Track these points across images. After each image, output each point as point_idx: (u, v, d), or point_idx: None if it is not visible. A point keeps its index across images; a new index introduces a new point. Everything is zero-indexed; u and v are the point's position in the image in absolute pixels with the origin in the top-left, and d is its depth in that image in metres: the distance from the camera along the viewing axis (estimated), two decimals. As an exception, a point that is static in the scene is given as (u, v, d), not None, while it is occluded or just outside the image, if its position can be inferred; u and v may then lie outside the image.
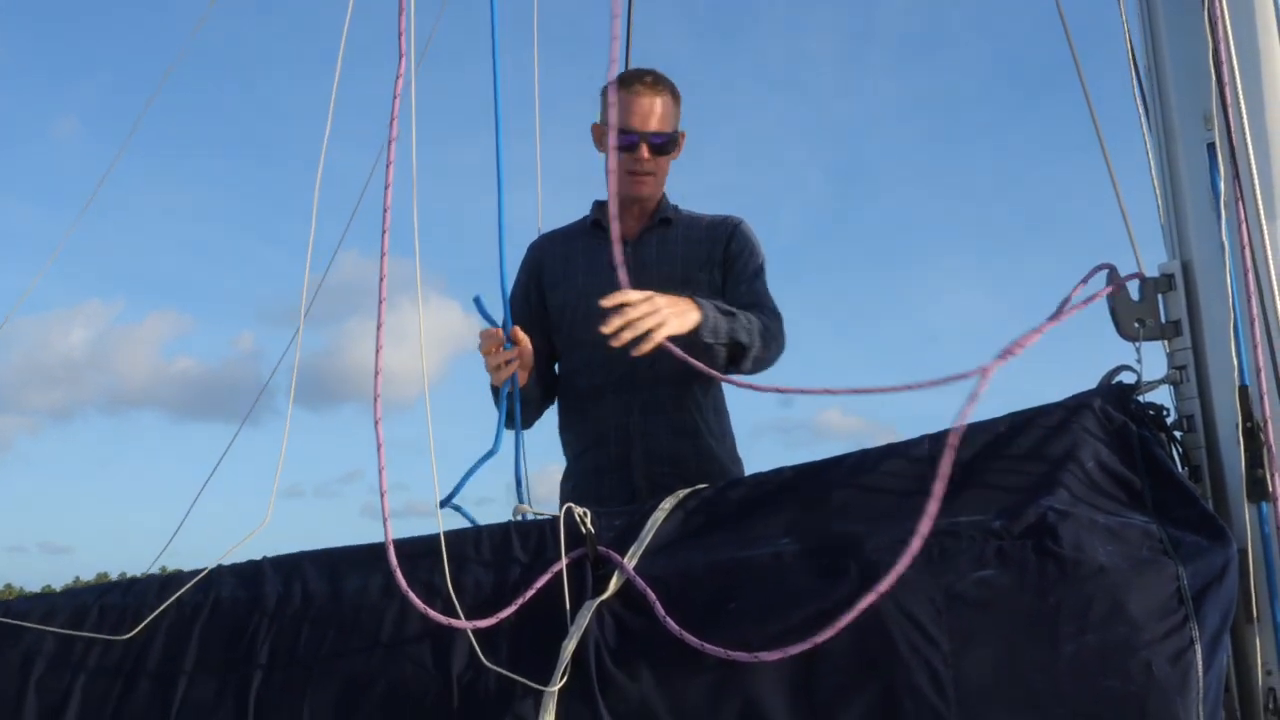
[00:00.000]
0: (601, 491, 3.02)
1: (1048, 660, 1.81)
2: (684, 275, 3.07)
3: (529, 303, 3.21)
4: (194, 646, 2.17)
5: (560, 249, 3.26)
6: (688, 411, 3.05)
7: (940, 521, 1.98)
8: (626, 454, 3.04)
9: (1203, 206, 2.15)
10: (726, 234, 3.16)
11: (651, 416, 3.04)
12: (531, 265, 3.27)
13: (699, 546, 2.12)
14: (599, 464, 3.07)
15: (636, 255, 3.11)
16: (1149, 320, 2.18)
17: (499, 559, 2.17)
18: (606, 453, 3.06)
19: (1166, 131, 2.25)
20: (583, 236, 3.24)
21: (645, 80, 3.08)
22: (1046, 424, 2.12)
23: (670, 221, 3.18)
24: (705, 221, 3.22)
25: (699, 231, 3.18)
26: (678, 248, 3.14)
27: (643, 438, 3.03)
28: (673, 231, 3.17)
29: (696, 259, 3.13)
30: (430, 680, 2.02)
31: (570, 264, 3.20)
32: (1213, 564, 1.86)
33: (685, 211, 3.24)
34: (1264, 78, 2.14)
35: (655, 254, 3.12)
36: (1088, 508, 1.96)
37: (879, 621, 1.87)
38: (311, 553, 2.30)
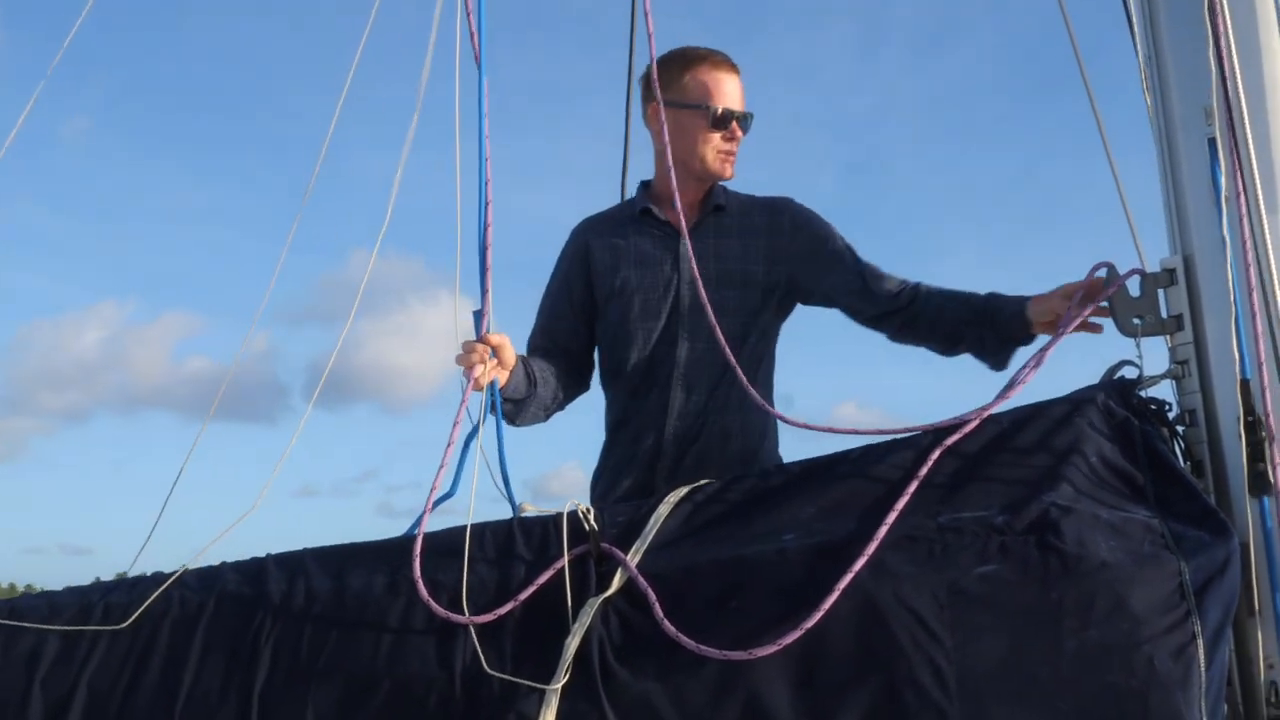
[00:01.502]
0: (641, 484, 2.94)
1: (1050, 655, 1.82)
2: (741, 273, 2.98)
3: (570, 290, 3.10)
4: (198, 644, 2.17)
5: (608, 237, 3.11)
6: (733, 411, 2.97)
7: (943, 517, 1.99)
8: (664, 448, 2.96)
9: (1204, 201, 2.15)
10: (787, 225, 3.05)
11: (696, 415, 2.96)
12: (577, 253, 3.13)
13: (703, 543, 2.12)
14: (637, 456, 2.99)
15: (692, 247, 2.92)
16: (1148, 316, 2.19)
17: (502, 556, 2.17)
18: (646, 447, 2.98)
19: (1168, 126, 2.25)
20: (630, 224, 3.10)
21: (727, 59, 3.01)
22: (1049, 419, 2.12)
23: (723, 208, 3.07)
24: (758, 207, 3.09)
25: (755, 220, 3.06)
26: (734, 241, 3.02)
27: (686, 435, 2.95)
28: (727, 221, 3.05)
29: (754, 254, 3.01)
30: (434, 677, 2.02)
31: (619, 253, 3.06)
32: (1214, 558, 1.87)
33: (733, 194, 3.12)
34: (1264, 72, 2.15)
35: (711, 247, 3.00)
36: (1090, 502, 1.97)
37: (881, 616, 1.87)
38: (315, 550, 2.30)
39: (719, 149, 2.98)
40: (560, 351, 3.08)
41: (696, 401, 2.95)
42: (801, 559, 1.98)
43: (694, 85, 2.98)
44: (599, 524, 2.15)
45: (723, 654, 1.88)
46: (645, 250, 3.03)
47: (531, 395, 2.82)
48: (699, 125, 2.97)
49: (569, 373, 3.07)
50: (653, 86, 3.02)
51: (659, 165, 3.10)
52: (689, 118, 2.98)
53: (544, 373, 2.90)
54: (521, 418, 2.87)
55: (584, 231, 3.18)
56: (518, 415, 2.85)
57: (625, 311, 3.01)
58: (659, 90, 2.94)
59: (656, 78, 2.99)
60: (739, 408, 2.95)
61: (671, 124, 2.95)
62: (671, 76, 3.00)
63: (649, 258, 3.01)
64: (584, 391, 3.21)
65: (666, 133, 2.83)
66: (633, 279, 3.01)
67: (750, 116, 3.01)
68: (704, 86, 2.97)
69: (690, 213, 3.03)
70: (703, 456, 2.93)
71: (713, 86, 2.97)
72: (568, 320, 3.11)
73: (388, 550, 2.22)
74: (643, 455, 2.98)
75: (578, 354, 3.12)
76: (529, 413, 2.89)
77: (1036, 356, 2.28)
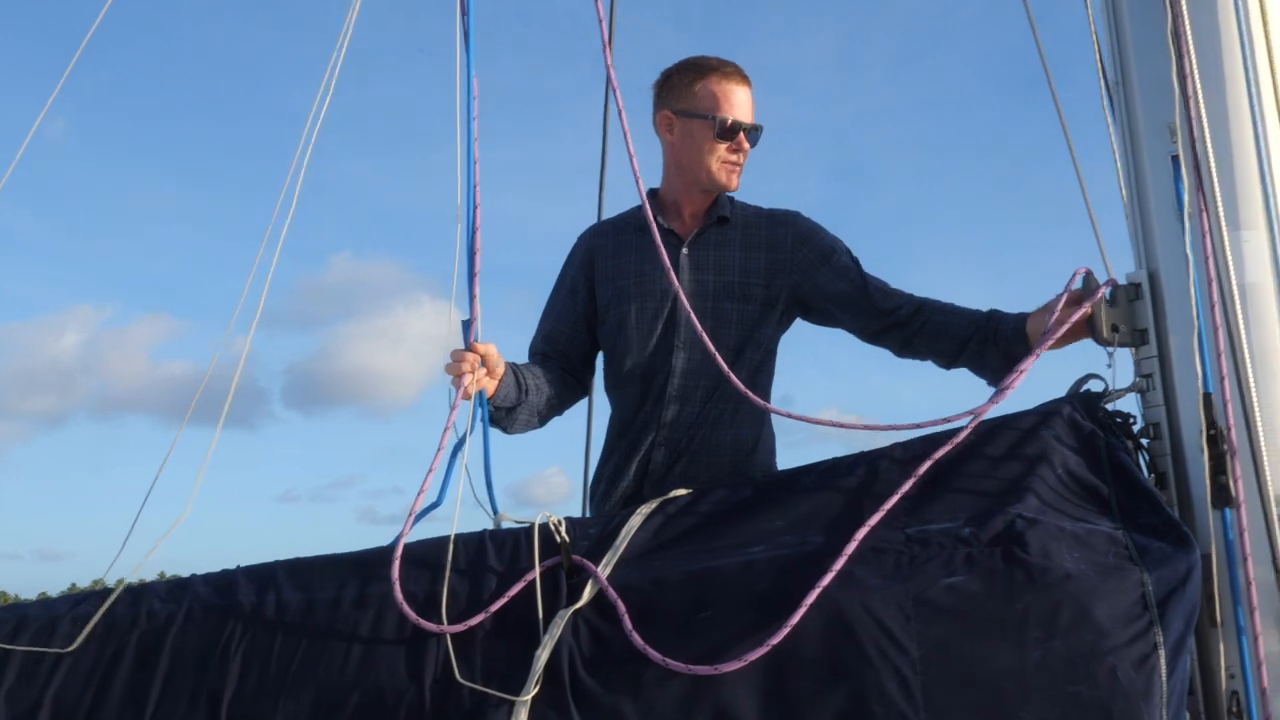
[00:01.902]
0: (633, 494, 2.93)
1: (1015, 666, 1.83)
2: (741, 285, 2.97)
3: (575, 297, 3.10)
4: (166, 657, 2.16)
5: (612, 243, 3.12)
6: (725, 425, 2.96)
7: (910, 529, 2.01)
8: (655, 458, 2.95)
9: (1168, 217, 2.18)
10: (790, 240, 3.04)
11: (688, 427, 2.95)
12: (582, 259, 3.14)
13: (673, 555, 2.14)
14: (631, 465, 2.97)
15: (693, 257, 2.99)
16: (1123, 326, 2.22)
17: (474, 568, 2.17)
18: (640, 456, 2.97)
19: (1133, 143, 2.28)
20: (635, 231, 3.07)
21: (739, 70, 3.01)
22: (1016, 431, 2.15)
23: (728, 220, 3.05)
24: (763, 220, 3.08)
25: (757, 234, 3.05)
26: (735, 253, 3.02)
27: (677, 446, 2.94)
28: (730, 232, 3.04)
29: (755, 266, 3.00)
30: (404, 689, 2.02)
31: (621, 260, 3.07)
32: (1177, 570, 1.89)
33: (740, 205, 3.11)
34: (1227, 91, 2.18)
35: (713, 259, 3.00)
36: (1055, 514, 1.99)
37: (849, 627, 1.89)
38: (286, 562, 2.30)
39: (724, 160, 2.98)
40: (559, 356, 3.08)
41: (689, 413, 2.95)
42: (770, 571, 2.00)
43: (704, 95, 2.99)
44: (570, 536, 2.16)
45: (689, 668, 1.89)
46: (646, 261, 3.01)
47: (522, 403, 2.82)
48: (706, 135, 2.97)
49: (566, 378, 3.07)
50: (663, 94, 3.06)
51: (666, 173, 3.11)
52: (697, 127, 2.98)
53: (537, 379, 2.90)
54: (513, 425, 2.87)
55: (590, 238, 3.19)
56: (509, 423, 2.85)
57: (625, 319, 3.01)
58: (670, 99, 3.00)
59: (668, 86, 3.02)
60: (731, 421, 2.96)
61: (680, 133, 3.00)
62: (682, 85, 3.02)
63: (649, 268, 3.00)
64: (582, 396, 3.22)
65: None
66: (633, 287, 3.01)
67: (759, 129, 3.02)
68: (713, 97, 2.97)
69: (694, 222, 3.05)
70: (692, 468, 2.93)
71: (722, 97, 2.97)
72: (569, 325, 3.10)
73: (359, 562, 2.23)
74: (637, 464, 2.97)
75: (577, 359, 3.12)
76: (520, 420, 2.88)
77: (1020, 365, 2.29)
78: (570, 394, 3.11)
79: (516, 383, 2.78)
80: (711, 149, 2.97)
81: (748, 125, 2.98)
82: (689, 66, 3.04)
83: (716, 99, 2.97)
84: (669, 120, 3.03)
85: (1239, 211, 2.13)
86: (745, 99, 3.00)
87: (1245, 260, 2.11)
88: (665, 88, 3.06)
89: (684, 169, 3.01)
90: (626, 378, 3.01)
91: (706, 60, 3.04)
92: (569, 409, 3.15)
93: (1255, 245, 2.12)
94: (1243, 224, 2.13)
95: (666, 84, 3.06)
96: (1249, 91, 2.16)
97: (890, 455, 2.16)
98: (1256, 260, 2.12)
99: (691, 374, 2.94)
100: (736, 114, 2.97)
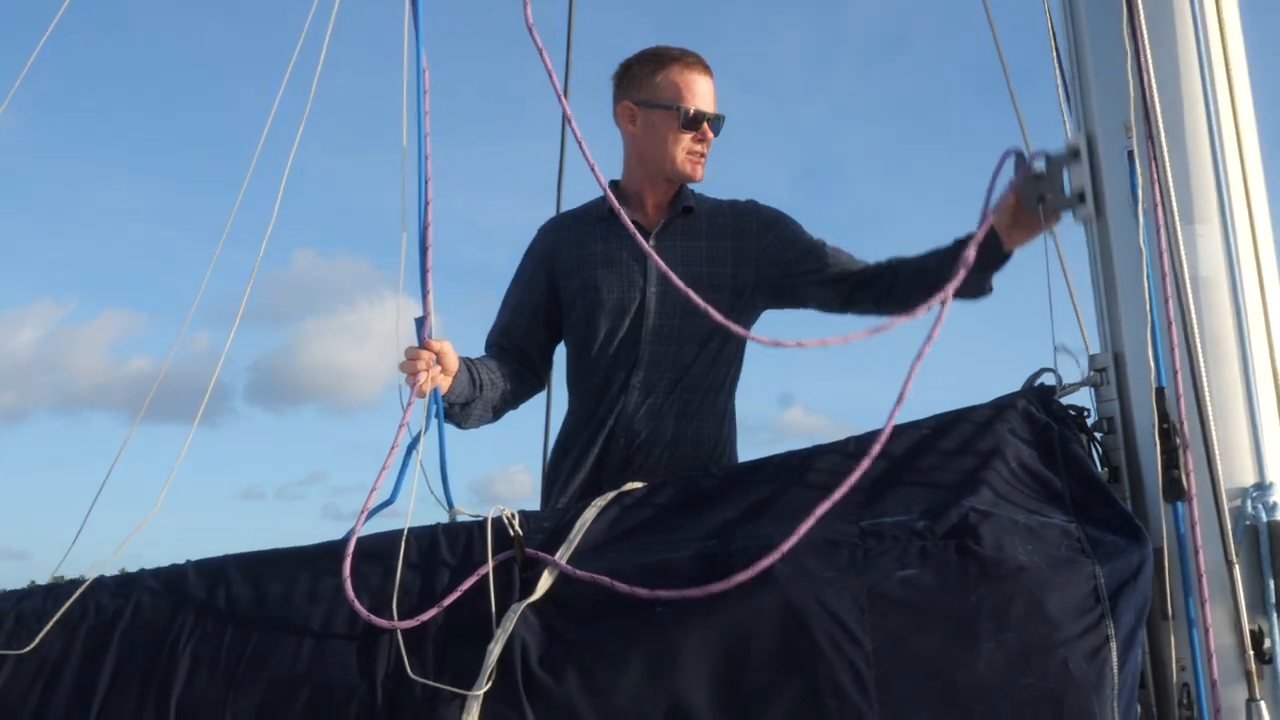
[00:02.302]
0: (590, 486, 2.92)
1: (968, 659, 1.83)
2: (709, 275, 2.96)
3: (534, 290, 3.08)
4: (114, 651, 2.14)
5: (575, 234, 3.10)
6: (689, 418, 2.96)
7: (865, 522, 2.01)
8: (614, 450, 2.95)
9: (1123, 211, 2.19)
10: (754, 226, 3.05)
11: (658, 419, 2.94)
12: (544, 252, 3.11)
13: (628, 548, 2.12)
14: (589, 457, 2.97)
15: (659, 249, 2.93)
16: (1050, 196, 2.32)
17: (426, 561, 2.15)
18: (599, 448, 2.96)
19: (1089, 138, 2.29)
20: (599, 223, 3.07)
21: (700, 60, 3.00)
22: (971, 425, 2.15)
23: (692, 210, 3.05)
24: (725, 210, 3.09)
25: (722, 222, 3.05)
26: (702, 243, 3.01)
27: (638, 438, 2.94)
28: (695, 223, 3.04)
29: (722, 256, 3.00)
30: (355, 684, 2.00)
31: (586, 250, 3.05)
32: (1129, 563, 1.90)
33: (699, 196, 3.11)
34: (1183, 86, 2.18)
35: (680, 250, 2.99)
36: (1009, 507, 1.99)
37: (802, 620, 1.88)
38: (237, 556, 2.27)
39: (689, 150, 2.97)
40: (516, 349, 3.06)
41: (653, 405, 2.94)
42: (724, 564, 1.99)
43: (665, 85, 2.97)
44: (524, 529, 2.14)
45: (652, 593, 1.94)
46: (613, 250, 3.01)
47: (476, 398, 2.80)
48: (669, 126, 2.96)
49: (522, 371, 3.06)
50: (624, 85, 3.04)
51: (628, 165, 3.09)
52: (660, 117, 2.97)
53: (492, 374, 2.88)
54: (467, 421, 2.85)
55: (551, 231, 3.16)
56: (463, 419, 2.83)
57: (590, 311, 2.99)
58: (631, 89, 2.99)
59: (629, 77, 3.01)
60: (695, 414, 2.95)
61: (642, 123, 2.98)
62: (643, 76, 3.01)
63: (616, 258, 3.00)
64: (539, 391, 3.20)
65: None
66: (599, 279, 2.99)
67: (721, 119, 3.01)
68: (675, 87, 2.96)
69: (659, 214, 3.05)
70: (652, 461, 2.93)
71: (684, 87, 2.96)
72: (527, 319, 3.08)
73: (310, 557, 2.20)
74: (596, 456, 2.96)
75: (535, 353, 3.10)
76: (475, 415, 2.86)
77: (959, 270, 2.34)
78: (526, 388, 3.09)
79: (471, 379, 2.76)
80: (676, 139, 2.96)
81: (711, 115, 2.97)
82: (649, 57, 3.02)
83: (679, 89, 2.95)
84: (630, 111, 3.01)
85: (1193, 206, 2.14)
86: (707, 88, 2.99)
87: (1199, 255, 2.12)
88: (625, 78, 3.05)
89: (647, 160, 3.00)
90: (591, 368, 3.00)
91: (667, 50, 3.03)
92: (525, 403, 3.13)
93: (1209, 240, 2.13)
94: (1197, 218, 2.13)
95: (627, 75, 3.04)
96: (1204, 87, 2.17)
97: (844, 450, 2.16)
98: (1210, 255, 2.12)
99: (657, 365, 2.93)
100: (699, 104, 2.96)
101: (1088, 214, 2.25)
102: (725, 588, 1.90)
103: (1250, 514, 2.02)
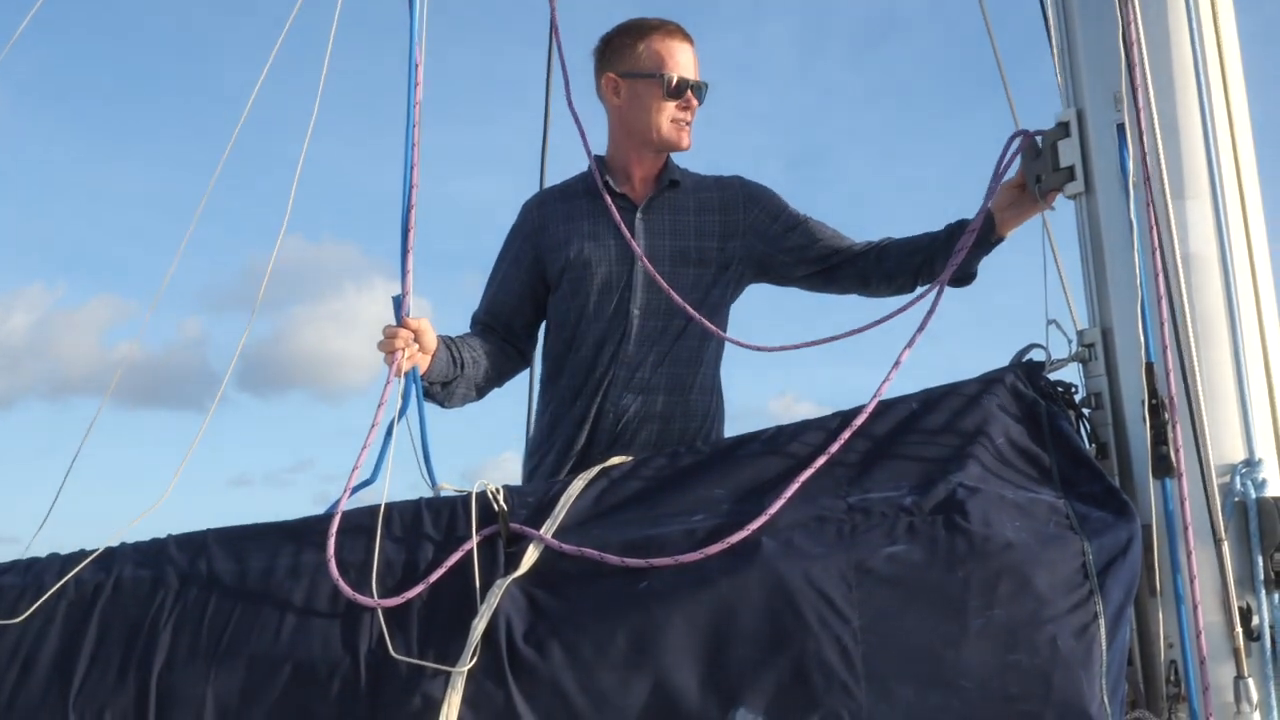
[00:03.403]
0: (580, 460, 2.90)
1: (956, 635, 1.83)
2: (697, 249, 2.97)
3: (519, 266, 3.06)
4: (94, 627, 2.11)
5: (561, 209, 3.06)
6: (681, 393, 2.95)
7: (852, 498, 2.00)
8: (603, 424, 2.93)
9: (1113, 186, 2.18)
10: (740, 200, 3.04)
11: (645, 395, 2.93)
12: (530, 228, 3.07)
13: (613, 523, 2.11)
14: (580, 432, 2.95)
15: (646, 222, 2.97)
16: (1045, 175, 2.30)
17: (410, 536, 2.13)
18: (589, 423, 2.94)
19: (1079, 113, 2.27)
20: (585, 197, 3.04)
21: (680, 28, 2.99)
22: (959, 400, 2.14)
23: (678, 184, 3.03)
24: (711, 184, 3.08)
25: (708, 197, 3.05)
26: (689, 217, 3.01)
27: (625, 412, 2.92)
28: (681, 197, 3.03)
29: (709, 230, 3.00)
30: (338, 660, 1.98)
31: (572, 225, 3.01)
32: (1117, 539, 1.89)
33: (687, 171, 3.10)
34: (1173, 60, 2.17)
35: (668, 224, 2.99)
36: (998, 483, 1.99)
37: (790, 596, 1.87)
38: (218, 530, 2.25)
39: (674, 118, 2.96)
40: (501, 327, 3.04)
41: (640, 379, 2.92)
42: (710, 539, 1.97)
43: (648, 55, 2.95)
44: (509, 504, 2.12)
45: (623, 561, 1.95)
46: (599, 225, 2.99)
47: (458, 377, 2.78)
48: (654, 94, 2.94)
49: (506, 348, 3.04)
50: (606, 58, 3.01)
51: (613, 138, 3.07)
52: (644, 87, 2.95)
53: (474, 352, 2.86)
54: (451, 400, 2.83)
55: (536, 206, 3.13)
56: (445, 397, 2.81)
57: (578, 285, 2.97)
58: (613, 62, 2.96)
59: (610, 50, 2.98)
60: (683, 389, 2.94)
61: (626, 95, 2.96)
62: (625, 47, 2.99)
63: (603, 233, 2.97)
64: (523, 368, 3.17)
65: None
66: (586, 252, 2.97)
67: (705, 86, 2.99)
68: (658, 55, 2.94)
69: (645, 187, 3.03)
70: (640, 435, 2.92)
71: (666, 55, 2.94)
72: (513, 296, 3.06)
73: (292, 531, 2.18)
74: (587, 430, 2.94)
75: (520, 330, 3.08)
76: (458, 394, 2.84)
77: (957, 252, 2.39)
78: (510, 365, 3.07)
79: (451, 358, 2.74)
80: (661, 108, 2.94)
81: (694, 82, 2.96)
82: (630, 28, 3.00)
83: (661, 57, 2.94)
84: (614, 83, 2.99)
85: (1184, 181, 2.13)
86: (689, 56, 2.98)
87: (1189, 230, 2.11)
88: (607, 51, 3.03)
89: (632, 131, 2.98)
90: (579, 343, 2.98)
91: (646, 20, 3.01)
92: (509, 380, 3.11)
93: (1199, 215, 2.12)
94: (1187, 193, 2.12)
95: (608, 48, 3.02)
96: (1194, 60, 2.15)
97: (830, 425, 2.15)
98: (1200, 230, 2.11)
99: (645, 340, 2.92)
100: (682, 71, 2.94)
101: (1078, 189, 2.24)
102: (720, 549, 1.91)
103: (1239, 490, 2.02)
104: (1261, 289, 2.12)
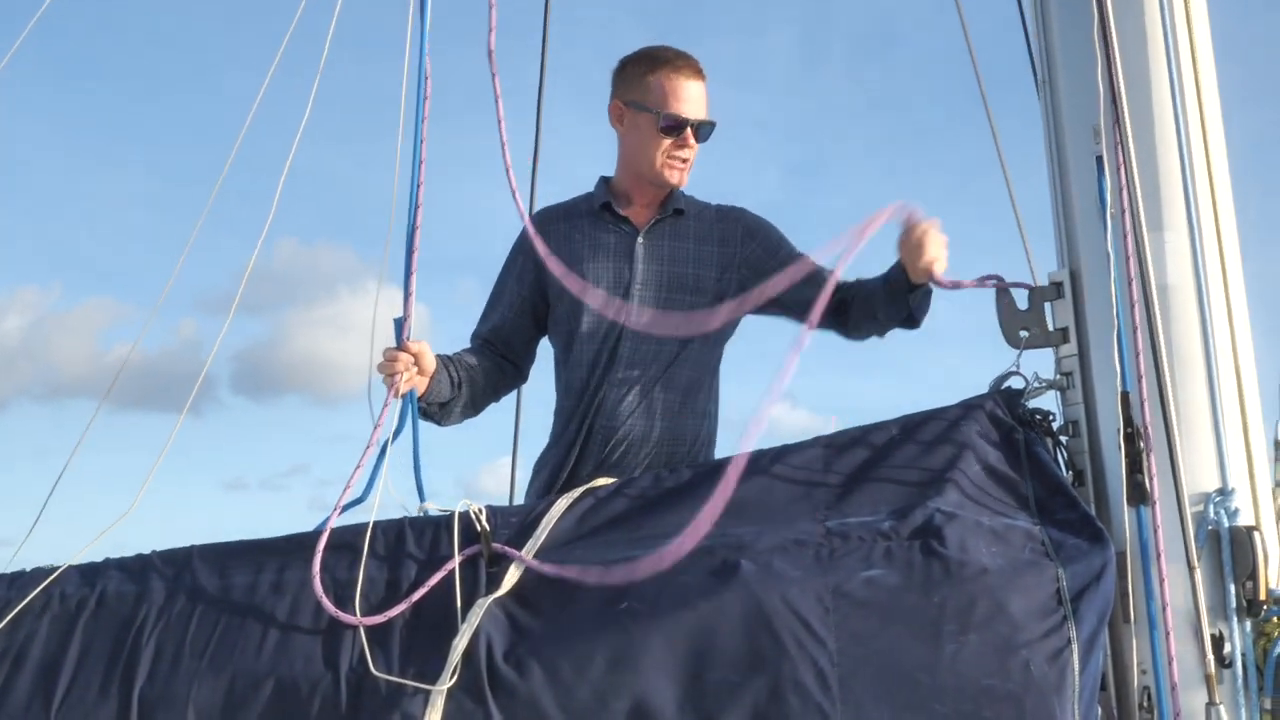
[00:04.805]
0: (571, 480, 2.86)
1: (931, 659, 1.84)
2: (695, 277, 2.97)
3: (522, 284, 3.05)
4: (77, 642, 2.12)
5: (563, 228, 3.06)
6: (672, 418, 2.95)
7: (831, 522, 2.02)
8: (593, 446, 2.93)
9: (1091, 217, 2.21)
10: (740, 233, 3.05)
11: (629, 416, 2.93)
12: (530, 246, 2.99)
13: (593, 545, 2.13)
14: (572, 452, 2.95)
15: (648, 247, 2.97)
16: (1034, 328, 2.24)
17: (393, 555, 2.15)
18: (580, 444, 2.94)
19: (1058, 143, 2.31)
20: (587, 217, 3.05)
21: (692, 64, 2.97)
22: (937, 427, 2.17)
23: (683, 212, 3.04)
24: (712, 215, 3.09)
25: (708, 228, 3.05)
26: (689, 245, 3.01)
27: (615, 435, 2.92)
28: (684, 225, 3.03)
29: (708, 259, 3.01)
30: (319, 677, 2.00)
31: (574, 245, 3.01)
32: (1092, 566, 1.91)
33: (689, 198, 3.10)
34: (1151, 93, 2.20)
35: (668, 250, 2.99)
36: (974, 508, 2.01)
37: (767, 619, 1.89)
38: (202, 546, 2.26)
39: (669, 155, 2.95)
40: (501, 343, 3.05)
41: (631, 403, 2.93)
42: (691, 561, 1.99)
43: (653, 88, 2.95)
44: (492, 524, 2.14)
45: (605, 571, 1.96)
46: (601, 246, 3.00)
47: (455, 397, 2.80)
48: (650, 129, 2.94)
49: (504, 365, 3.05)
50: (617, 83, 3.03)
51: (619, 162, 3.08)
52: (643, 120, 2.96)
53: (472, 371, 2.88)
54: (447, 419, 2.85)
55: (539, 224, 3.08)
56: (443, 417, 2.82)
57: (575, 306, 2.97)
58: (622, 89, 2.98)
59: (622, 76, 3.01)
60: (675, 413, 2.95)
61: (628, 124, 2.98)
62: (635, 76, 2.99)
63: (604, 254, 2.99)
64: (520, 384, 3.19)
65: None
66: (587, 274, 2.97)
67: (709, 125, 2.98)
68: (662, 90, 2.93)
69: (648, 213, 3.04)
70: (630, 458, 2.92)
71: (669, 93, 2.93)
72: (514, 313, 3.06)
73: (275, 548, 2.20)
74: (576, 452, 2.94)
75: (519, 347, 3.08)
76: (455, 414, 2.86)
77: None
78: (506, 381, 3.08)
79: (450, 379, 2.76)
80: (656, 144, 2.94)
81: (695, 121, 2.94)
82: (643, 57, 3.00)
83: (665, 93, 2.93)
84: (620, 110, 3.01)
85: (1161, 212, 2.16)
86: (697, 93, 2.96)
87: (1166, 261, 2.14)
88: (620, 77, 3.04)
89: (630, 161, 3.00)
90: (575, 364, 2.99)
91: (661, 52, 3.00)
92: (506, 395, 3.13)
93: (1176, 246, 2.15)
94: (1164, 225, 2.16)
95: (621, 73, 3.03)
96: (1172, 93, 2.19)
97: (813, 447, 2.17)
98: (1176, 261, 2.15)
99: (637, 363, 2.93)
100: (684, 109, 2.93)
101: (1070, 354, 2.24)
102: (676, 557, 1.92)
103: (1212, 519, 2.04)
104: (1236, 320, 2.16)
